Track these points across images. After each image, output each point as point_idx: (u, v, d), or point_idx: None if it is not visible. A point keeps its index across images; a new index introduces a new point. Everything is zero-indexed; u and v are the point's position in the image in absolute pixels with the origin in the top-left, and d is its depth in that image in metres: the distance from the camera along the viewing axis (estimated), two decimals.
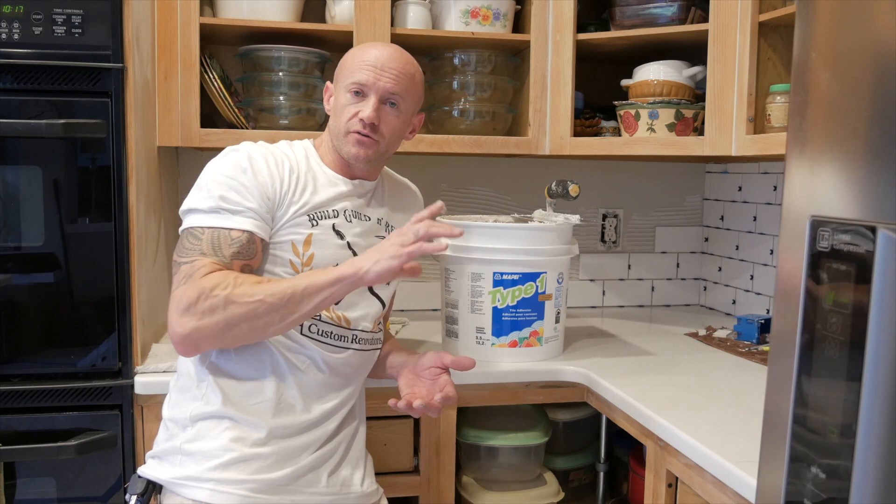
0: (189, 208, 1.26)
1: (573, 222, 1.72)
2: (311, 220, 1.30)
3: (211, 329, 1.16)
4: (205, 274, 1.17)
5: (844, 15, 0.73)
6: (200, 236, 1.22)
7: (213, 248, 1.21)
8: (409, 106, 1.36)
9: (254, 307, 1.16)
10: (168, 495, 1.27)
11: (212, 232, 1.22)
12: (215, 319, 1.15)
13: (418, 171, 2.22)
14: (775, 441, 0.80)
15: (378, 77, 1.30)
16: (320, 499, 1.30)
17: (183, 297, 1.16)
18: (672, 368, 1.68)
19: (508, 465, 1.81)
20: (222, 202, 1.23)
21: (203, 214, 1.23)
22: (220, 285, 1.15)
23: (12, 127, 1.45)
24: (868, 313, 0.67)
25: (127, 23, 1.52)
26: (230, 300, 1.15)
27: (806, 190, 0.77)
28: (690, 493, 1.28)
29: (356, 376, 1.39)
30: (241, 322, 1.16)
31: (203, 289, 1.15)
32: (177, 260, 1.22)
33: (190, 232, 1.24)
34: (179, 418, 1.28)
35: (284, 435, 1.28)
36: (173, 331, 1.18)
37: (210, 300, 1.15)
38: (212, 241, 1.22)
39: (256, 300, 1.16)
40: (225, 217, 1.23)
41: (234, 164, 1.26)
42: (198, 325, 1.16)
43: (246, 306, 1.15)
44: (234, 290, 1.15)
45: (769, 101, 1.64)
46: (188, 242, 1.23)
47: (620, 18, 1.92)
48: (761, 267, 2.18)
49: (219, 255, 1.21)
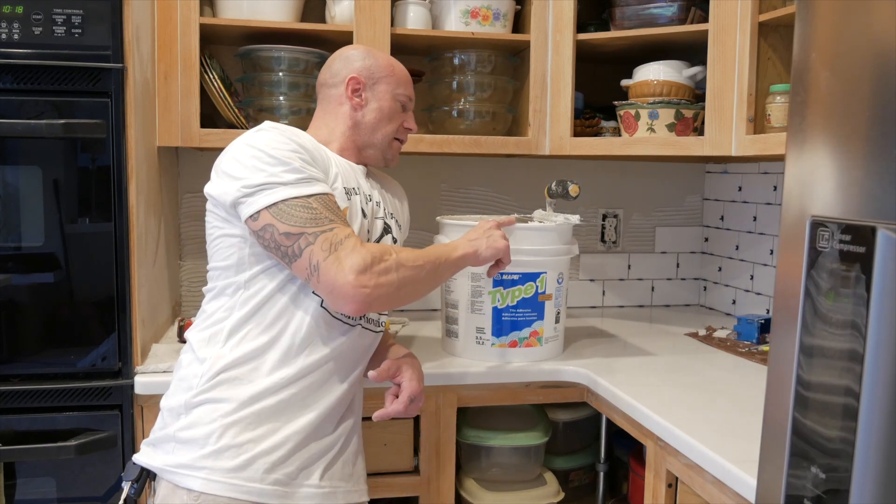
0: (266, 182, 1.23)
1: (573, 222, 1.72)
2: (347, 194, 1.34)
3: (386, 289, 1.25)
4: (362, 241, 1.25)
5: (844, 15, 0.74)
6: (311, 205, 1.23)
7: (333, 213, 1.25)
8: None
9: (418, 271, 1.30)
10: (161, 483, 1.27)
11: (318, 200, 1.24)
12: (390, 280, 1.25)
13: (418, 171, 2.22)
14: (775, 441, 0.80)
15: (413, 94, 1.49)
16: (314, 491, 1.30)
17: (356, 261, 1.21)
18: (672, 368, 1.68)
19: (508, 466, 1.81)
20: (309, 172, 1.25)
21: (294, 186, 1.23)
22: (386, 251, 1.27)
23: (12, 127, 1.45)
24: (868, 313, 0.67)
25: (127, 23, 1.52)
26: (400, 263, 1.27)
27: (806, 190, 0.77)
28: (690, 493, 1.28)
29: (358, 363, 1.39)
30: (410, 284, 1.29)
31: (375, 255, 1.24)
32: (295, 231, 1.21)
33: (291, 203, 1.22)
34: (174, 406, 1.29)
35: (280, 425, 1.28)
36: (349, 293, 1.21)
37: (384, 263, 1.24)
38: (327, 207, 1.25)
39: (419, 265, 1.30)
40: (317, 185, 1.26)
41: (287, 139, 1.27)
42: (377, 284, 1.23)
43: (413, 270, 1.29)
44: (400, 255, 1.28)
45: (769, 101, 1.64)
46: (301, 213, 1.22)
47: (620, 18, 1.92)
48: (761, 267, 2.18)
49: (342, 219, 1.27)
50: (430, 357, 1.71)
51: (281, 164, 1.23)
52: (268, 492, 1.25)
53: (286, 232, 1.22)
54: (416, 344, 1.86)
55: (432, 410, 1.64)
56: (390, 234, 1.45)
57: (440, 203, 2.28)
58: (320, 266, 1.21)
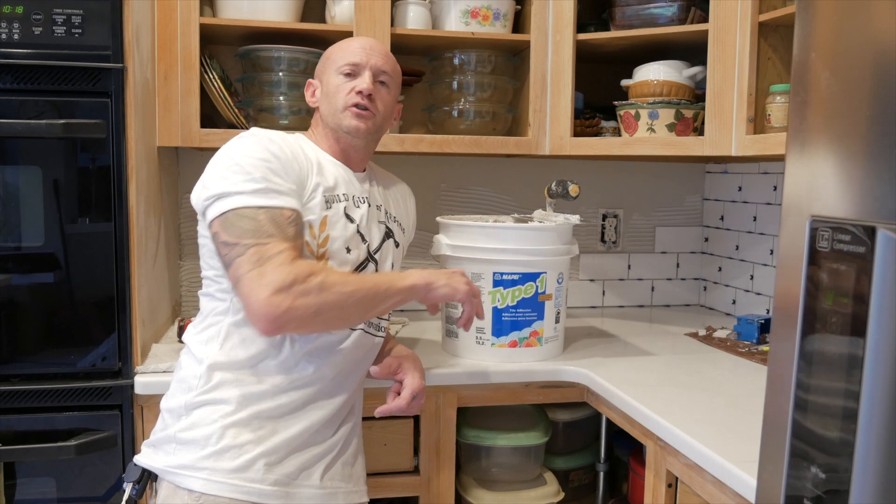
0: (225, 191, 1.22)
1: (573, 222, 1.72)
2: (327, 203, 1.31)
3: (302, 312, 1.17)
4: (293, 258, 1.19)
5: (844, 15, 0.73)
6: (256, 217, 1.20)
7: (278, 228, 1.20)
8: (395, 89, 1.44)
9: (344, 298, 1.20)
10: (162, 484, 1.27)
11: (266, 212, 1.21)
12: (308, 303, 1.17)
13: (418, 171, 2.22)
14: (775, 441, 0.80)
15: (369, 56, 1.38)
16: (314, 491, 1.30)
17: (275, 278, 1.16)
18: (672, 368, 1.68)
19: (508, 465, 1.81)
20: (268, 183, 1.22)
21: (249, 196, 1.21)
22: (313, 272, 1.18)
23: (12, 127, 1.45)
24: (868, 313, 0.67)
25: (127, 23, 1.52)
26: (323, 287, 1.18)
27: (806, 190, 0.77)
28: (690, 493, 1.28)
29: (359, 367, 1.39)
30: (332, 310, 1.20)
31: (298, 274, 1.17)
32: (239, 241, 1.20)
33: (239, 213, 1.21)
34: (175, 407, 1.29)
35: (281, 427, 1.28)
36: (260, 310, 1.17)
37: (304, 285, 1.17)
38: (272, 220, 1.20)
39: (348, 291, 1.20)
40: (272, 197, 1.22)
41: (262, 148, 1.25)
42: (291, 306, 1.16)
43: (338, 295, 1.19)
44: (327, 278, 1.19)
45: (769, 101, 1.64)
46: (246, 223, 1.20)
47: (620, 18, 1.92)
48: (761, 267, 2.18)
49: (286, 235, 1.21)
50: (430, 357, 1.71)
51: (242, 174, 1.22)
52: (268, 492, 1.25)
53: (224, 241, 1.21)
54: (415, 344, 1.86)
55: (432, 410, 1.64)
56: (392, 238, 1.44)
57: (440, 203, 2.28)
58: (242, 279, 1.18)
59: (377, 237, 1.40)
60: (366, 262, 1.37)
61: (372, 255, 1.38)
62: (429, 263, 2.24)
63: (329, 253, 1.30)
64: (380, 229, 1.41)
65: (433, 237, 1.75)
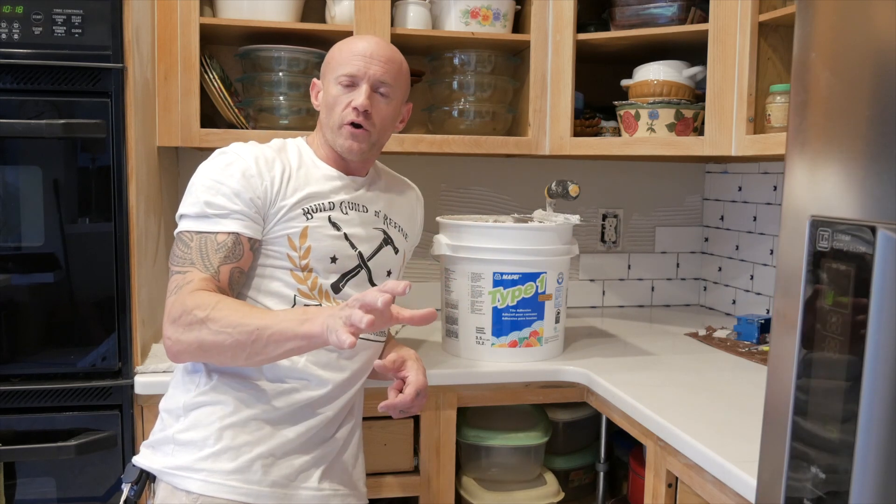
0: (180, 214, 1.29)
1: (573, 222, 1.72)
2: (306, 214, 1.31)
3: (187, 346, 1.19)
4: (194, 289, 1.19)
5: (844, 15, 0.73)
6: (189, 243, 1.25)
7: (201, 255, 1.24)
8: (399, 94, 1.38)
9: (222, 338, 1.15)
10: (160, 485, 1.27)
11: (199, 238, 1.25)
12: (191, 338, 1.17)
13: (418, 171, 2.22)
14: (775, 441, 0.80)
15: (367, 66, 1.32)
16: (312, 493, 1.30)
17: (172, 309, 1.20)
18: (672, 368, 1.68)
19: (508, 465, 1.81)
20: (207, 207, 1.25)
21: (191, 220, 1.27)
22: (200, 306, 1.16)
23: (12, 127, 1.45)
24: (868, 313, 0.67)
25: (127, 23, 1.52)
26: (204, 324, 1.16)
27: (806, 190, 0.77)
28: (690, 493, 1.28)
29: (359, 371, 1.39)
30: (211, 348, 1.17)
31: (186, 306, 1.17)
32: (170, 267, 1.26)
33: (180, 238, 1.27)
34: (173, 408, 1.29)
35: (280, 428, 1.28)
36: (163, 336, 1.23)
37: (189, 317, 1.17)
38: (200, 248, 1.24)
39: (225, 332, 1.14)
40: (211, 222, 1.25)
41: (221, 167, 1.28)
42: (178, 339, 1.19)
43: (216, 335, 1.15)
44: (211, 313, 1.15)
45: (769, 101, 1.64)
46: (179, 250, 1.26)
47: (620, 18, 1.92)
48: (761, 267, 2.18)
49: (207, 264, 1.23)
50: (430, 357, 1.71)
51: (193, 196, 1.27)
52: (266, 493, 1.25)
53: (169, 264, 1.27)
54: (415, 344, 1.86)
55: (432, 410, 1.64)
56: (390, 245, 1.43)
57: (440, 203, 2.28)
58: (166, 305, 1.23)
59: (372, 243, 1.40)
60: (357, 269, 1.37)
61: (365, 261, 1.38)
62: (429, 263, 2.24)
63: (311, 264, 1.31)
64: (376, 235, 1.40)
65: (433, 237, 1.75)
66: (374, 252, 1.39)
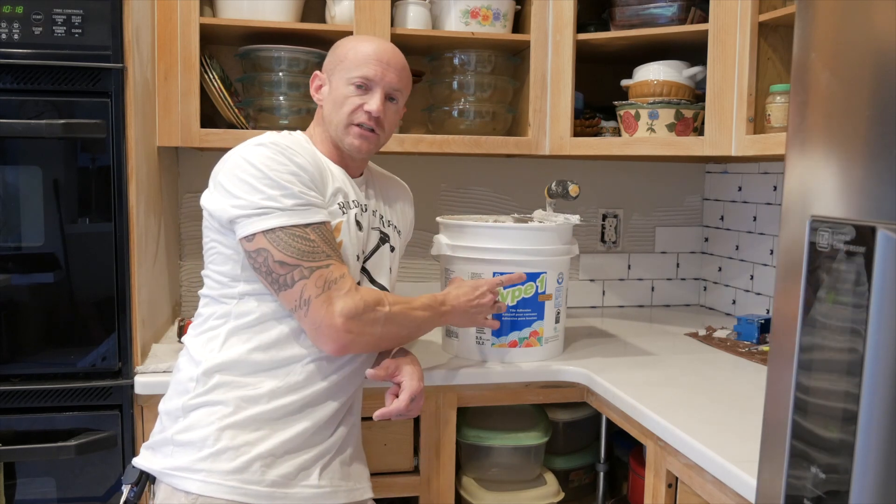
0: (264, 206, 1.22)
1: (573, 222, 1.72)
2: (342, 208, 1.33)
3: (368, 338, 1.28)
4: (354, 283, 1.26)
5: (844, 15, 0.73)
6: (310, 236, 1.23)
7: (329, 246, 1.24)
8: (404, 100, 1.42)
9: (402, 329, 1.33)
10: (160, 486, 1.27)
11: (315, 231, 1.24)
12: (374, 331, 1.27)
13: (418, 171, 2.22)
14: (775, 441, 0.80)
15: (385, 72, 1.34)
16: (313, 491, 1.30)
17: (346, 305, 1.23)
18: (672, 368, 1.68)
19: (508, 465, 1.81)
20: (303, 198, 1.24)
21: (290, 214, 1.22)
22: (380, 301, 1.28)
23: (12, 127, 1.45)
24: (868, 313, 0.67)
25: (127, 23, 1.52)
26: (389, 318, 1.28)
27: (806, 190, 0.77)
28: (690, 493, 1.28)
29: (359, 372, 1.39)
30: (390, 338, 1.32)
31: (367, 301, 1.25)
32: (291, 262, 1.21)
33: (290, 232, 1.22)
34: (172, 409, 1.29)
35: (278, 428, 1.28)
36: (331, 335, 1.24)
37: (374, 314, 1.26)
38: (324, 239, 1.24)
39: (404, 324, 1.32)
40: (314, 212, 1.25)
41: (287, 159, 1.25)
42: (361, 332, 1.25)
43: (398, 327, 1.31)
44: (392, 308, 1.29)
45: (769, 101, 1.64)
46: (298, 243, 1.22)
47: (620, 18, 1.92)
48: (761, 267, 2.18)
49: (336, 254, 1.26)
50: (430, 357, 1.71)
51: (279, 188, 1.23)
52: (265, 493, 1.25)
53: (281, 260, 1.22)
54: (415, 344, 1.86)
55: (432, 410, 1.64)
56: (387, 244, 1.44)
57: (440, 203, 2.28)
58: (311, 302, 1.21)
59: (371, 243, 1.40)
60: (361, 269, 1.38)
61: (364, 262, 1.39)
62: (429, 263, 2.24)
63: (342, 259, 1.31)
64: (375, 235, 1.41)
65: (433, 237, 1.75)
66: (371, 253, 1.40)
